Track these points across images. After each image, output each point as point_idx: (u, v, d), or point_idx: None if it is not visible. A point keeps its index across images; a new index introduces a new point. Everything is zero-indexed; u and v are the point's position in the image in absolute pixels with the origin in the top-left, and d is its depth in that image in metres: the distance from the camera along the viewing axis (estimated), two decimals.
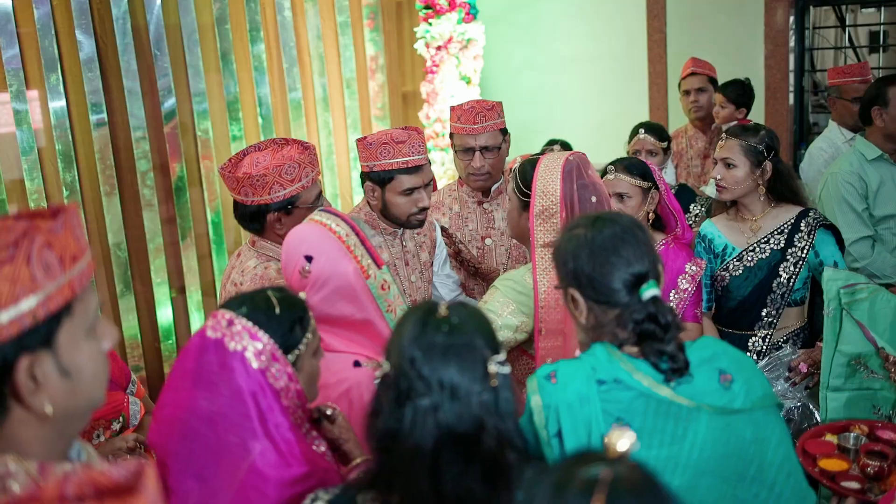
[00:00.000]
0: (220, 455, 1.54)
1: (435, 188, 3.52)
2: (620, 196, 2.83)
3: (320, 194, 2.52)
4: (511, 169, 2.60)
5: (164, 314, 4.69)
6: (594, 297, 1.64)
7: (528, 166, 2.39)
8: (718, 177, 2.83)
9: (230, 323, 1.60)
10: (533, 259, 2.31)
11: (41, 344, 1.04)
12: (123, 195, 4.45)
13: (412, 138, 2.58)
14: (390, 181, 2.61)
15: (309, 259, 1.96)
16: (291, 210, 2.42)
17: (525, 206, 2.38)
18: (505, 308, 2.37)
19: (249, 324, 1.60)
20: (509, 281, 2.43)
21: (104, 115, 4.33)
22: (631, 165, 2.86)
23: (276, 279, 2.34)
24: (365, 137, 2.64)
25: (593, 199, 2.31)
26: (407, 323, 1.32)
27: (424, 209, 2.65)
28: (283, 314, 1.63)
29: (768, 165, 2.77)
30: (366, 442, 1.33)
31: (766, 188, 2.81)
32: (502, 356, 1.31)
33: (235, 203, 2.48)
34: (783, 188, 2.82)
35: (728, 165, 2.80)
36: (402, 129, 2.63)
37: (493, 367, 1.28)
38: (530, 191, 2.32)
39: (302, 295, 1.77)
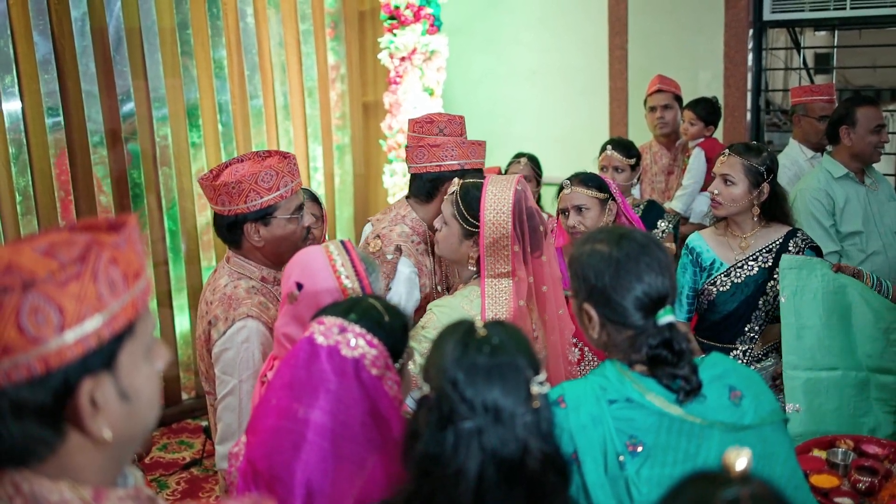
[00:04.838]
0: (335, 465, 1.48)
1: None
2: (579, 209, 2.90)
3: (301, 206, 2.43)
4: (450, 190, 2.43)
5: None
6: (609, 316, 1.62)
7: (473, 191, 2.30)
8: (716, 191, 2.84)
9: (342, 329, 1.53)
10: (483, 289, 2.24)
11: (103, 366, 0.98)
12: (79, 201, 4.32)
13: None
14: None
15: (299, 287, 1.90)
16: (269, 221, 2.35)
17: (469, 234, 2.30)
18: None
19: (364, 330, 1.53)
20: (446, 308, 2.30)
21: (60, 119, 4.20)
22: (586, 178, 2.95)
23: (244, 299, 2.27)
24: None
25: (540, 228, 2.28)
26: (446, 344, 1.27)
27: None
28: (392, 322, 1.58)
29: (766, 187, 2.79)
30: (403, 463, 1.28)
31: (760, 208, 2.83)
32: (543, 376, 1.28)
33: (215, 215, 2.41)
34: (776, 209, 2.85)
35: (727, 182, 2.81)
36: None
37: (535, 388, 1.25)
38: (477, 220, 2.25)
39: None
